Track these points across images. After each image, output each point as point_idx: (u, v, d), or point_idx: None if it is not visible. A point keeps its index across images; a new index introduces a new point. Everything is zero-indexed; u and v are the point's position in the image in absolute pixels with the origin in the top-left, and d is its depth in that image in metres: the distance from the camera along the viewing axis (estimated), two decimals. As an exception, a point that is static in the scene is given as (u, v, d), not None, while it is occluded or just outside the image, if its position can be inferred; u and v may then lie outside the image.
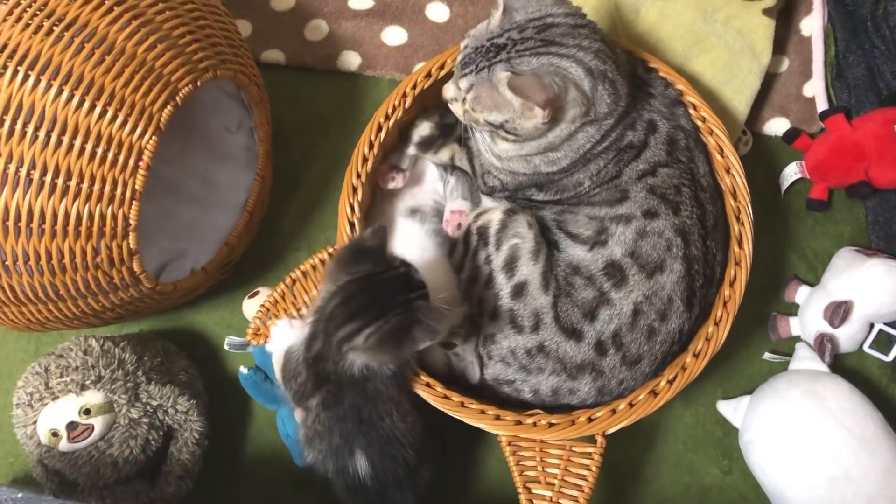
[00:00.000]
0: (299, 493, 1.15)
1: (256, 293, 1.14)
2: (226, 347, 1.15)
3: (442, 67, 1.07)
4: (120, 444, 1.04)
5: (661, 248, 0.96)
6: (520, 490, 0.97)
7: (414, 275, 0.88)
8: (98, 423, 1.02)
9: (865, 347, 1.15)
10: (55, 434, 1.01)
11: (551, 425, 0.97)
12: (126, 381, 1.05)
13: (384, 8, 1.32)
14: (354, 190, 1.04)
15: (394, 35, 1.33)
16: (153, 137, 0.91)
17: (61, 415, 1.01)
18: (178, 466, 1.08)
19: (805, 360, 1.13)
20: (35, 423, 1.02)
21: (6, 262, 0.89)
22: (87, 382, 1.02)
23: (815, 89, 1.26)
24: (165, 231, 1.18)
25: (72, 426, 1.01)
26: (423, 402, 0.98)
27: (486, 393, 1.03)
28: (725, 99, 1.18)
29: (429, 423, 0.97)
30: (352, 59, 1.32)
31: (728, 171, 1.04)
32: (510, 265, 0.99)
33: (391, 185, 1.12)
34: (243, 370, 1.11)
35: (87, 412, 1.02)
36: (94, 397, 1.02)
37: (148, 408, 1.06)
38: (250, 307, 1.13)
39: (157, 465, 1.09)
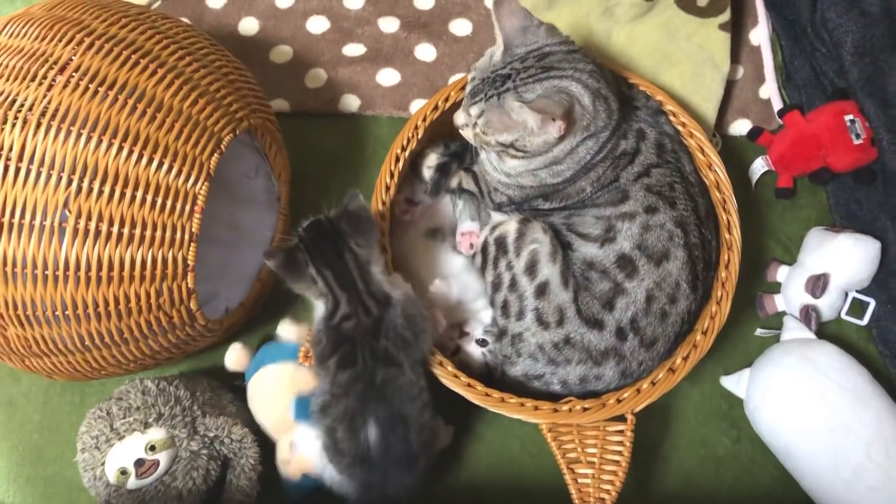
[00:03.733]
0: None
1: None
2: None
3: (447, 100, 1.18)
4: (183, 477, 1.09)
5: (664, 239, 1.06)
6: (564, 471, 1.06)
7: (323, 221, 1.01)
8: (163, 457, 1.08)
9: (843, 315, 1.28)
10: (124, 472, 1.06)
11: (585, 409, 1.06)
12: (184, 416, 1.10)
13: (376, 53, 1.43)
14: (382, 217, 1.13)
15: (388, 76, 1.43)
16: (205, 184, 0.99)
17: (129, 453, 1.07)
18: (238, 493, 1.13)
19: (794, 330, 1.25)
20: (103, 464, 1.07)
21: (77, 311, 0.96)
22: (150, 420, 1.08)
23: (770, 91, 1.41)
24: (197, 275, 1.24)
25: (139, 463, 1.06)
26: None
27: (515, 389, 1.10)
28: (695, 106, 1.31)
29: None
30: (351, 102, 1.41)
31: (710, 167, 1.16)
32: (531, 268, 1.08)
33: (407, 218, 1.22)
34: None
35: (152, 448, 1.07)
36: (157, 434, 1.08)
37: (206, 439, 1.11)
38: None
39: (217, 494, 1.15)
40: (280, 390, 1.15)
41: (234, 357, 1.21)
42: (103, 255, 0.94)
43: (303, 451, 1.12)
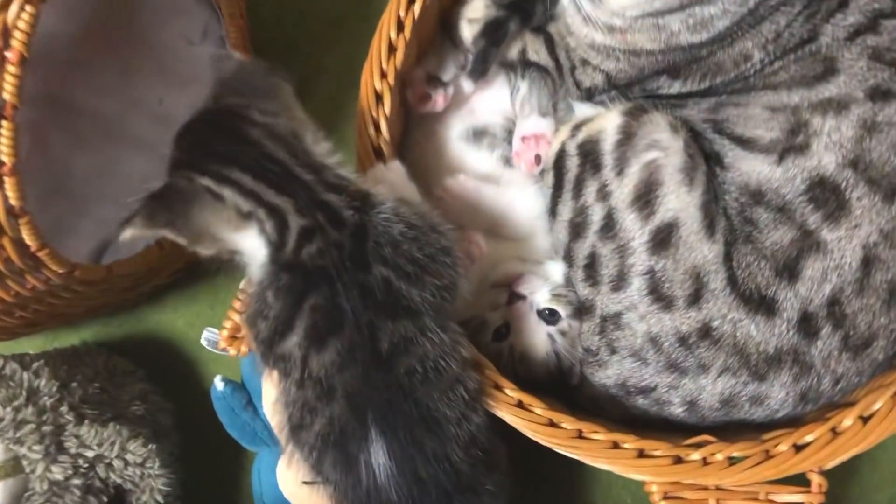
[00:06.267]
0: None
1: None
2: (202, 343, 0.84)
3: None
4: (38, 524, 0.73)
5: (904, 153, 0.65)
6: (689, 571, 0.65)
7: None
8: (-2, 492, 0.71)
9: None
10: (-73, 514, 0.71)
11: (732, 461, 0.66)
12: (41, 423, 0.75)
13: None
14: (378, 98, 0.72)
15: None
16: (32, 6, 0.55)
17: (-66, 485, 0.71)
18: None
19: None
20: None
21: None
22: (-23, 429, 0.72)
23: None
24: (106, 193, 0.89)
25: (-47, 502, 0.72)
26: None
27: (604, 405, 0.73)
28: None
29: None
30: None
31: (981, 28, 0.68)
32: (645, 197, 0.68)
33: (429, 108, 0.81)
34: (218, 384, 0.81)
35: (-24, 477, 0.71)
36: (-12, 452, 0.72)
37: (80, 462, 0.76)
38: None
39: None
40: None
41: None
42: None
43: None
